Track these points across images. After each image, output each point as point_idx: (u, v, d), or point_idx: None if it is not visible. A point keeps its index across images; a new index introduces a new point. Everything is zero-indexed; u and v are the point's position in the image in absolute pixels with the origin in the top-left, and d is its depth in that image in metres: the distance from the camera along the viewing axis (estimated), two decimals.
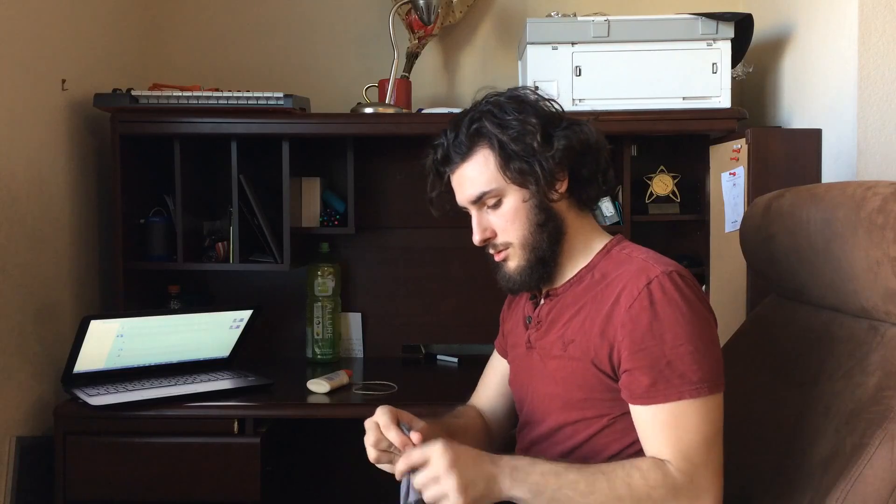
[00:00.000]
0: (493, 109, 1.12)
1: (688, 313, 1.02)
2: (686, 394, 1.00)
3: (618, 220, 2.08)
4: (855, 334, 1.15)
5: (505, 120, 1.10)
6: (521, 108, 1.11)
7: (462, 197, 1.16)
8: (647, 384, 1.01)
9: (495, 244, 1.16)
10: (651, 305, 1.02)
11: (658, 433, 1.02)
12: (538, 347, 1.18)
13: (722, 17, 1.89)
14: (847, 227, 1.11)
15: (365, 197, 2.23)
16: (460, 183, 1.15)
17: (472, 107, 1.16)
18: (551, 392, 1.15)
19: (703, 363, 1.01)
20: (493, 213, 1.14)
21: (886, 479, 0.98)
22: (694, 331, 1.02)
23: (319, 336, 2.17)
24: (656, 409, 1.01)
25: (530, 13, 2.26)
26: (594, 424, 1.10)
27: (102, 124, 2.02)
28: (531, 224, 1.12)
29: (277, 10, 2.32)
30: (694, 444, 1.00)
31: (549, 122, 1.12)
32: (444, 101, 2.31)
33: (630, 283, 1.06)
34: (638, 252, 1.13)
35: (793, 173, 1.76)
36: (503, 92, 1.16)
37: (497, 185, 1.11)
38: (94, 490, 1.70)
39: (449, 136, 1.14)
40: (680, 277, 1.05)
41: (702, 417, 1.01)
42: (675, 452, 1.00)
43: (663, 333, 1.01)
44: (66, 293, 1.92)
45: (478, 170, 1.12)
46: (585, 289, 1.14)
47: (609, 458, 1.08)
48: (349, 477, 2.24)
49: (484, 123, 1.11)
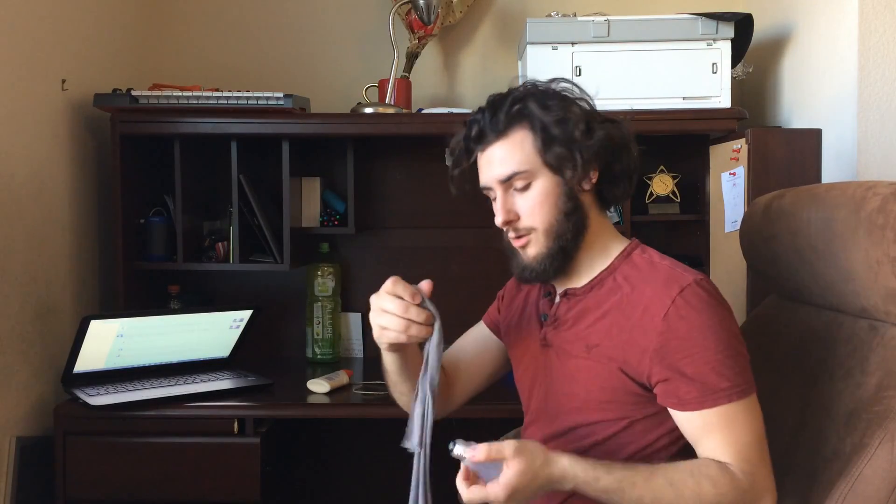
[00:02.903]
0: (537, 93, 1.12)
1: (723, 319, 1.05)
2: (734, 396, 1.02)
3: (618, 220, 2.07)
4: (855, 334, 1.15)
5: (549, 104, 1.10)
6: (564, 96, 1.12)
7: (490, 176, 1.13)
8: (696, 391, 1.02)
9: (517, 228, 1.14)
10: (687, 314, 1.04)
11: (714, 437, 1.03)
12: (555, 346, 1.17)
13: (722, 17, 1.89)
14: (847, 227, 1.11)
15: (365, 197, 2.23)
16: (490, 161, 1.13)
17: (512, 89, 1.15)
18: (569, 391, 1.15)
19: (743, 364, 1.04)
20: (521, 195, 1.12)
21: (887, 478, 0.98)
22: (731, 335, 1.05)
23: (319, 336, 2.17)
24: (709, 414, 1.02)
25: (530, 13, 2.25)
26: (613, 426, 1.11)
27: (102, 124, 2.02)
28: (558, 211, 1.11)
29: (277, 10, 2.32)
30: (750, 444, 1.02)
31: (590, 114, 1.13)
32: (444, 101, 2.31)
33: (661, 292, 1.06)
34: (660, 259, 1.13)
35: (793, 173, 1.76)
36: (544, 81, 1.16)
37: (530, 167, 1.10)
38: (94, 490, 1.70)
39: (487, 115, 1.13)
40: (708, 284, 1.08)
41: (751, 416, 1.03)
42: (733, 454, 1.02)
43: (705, 340, 1.03)
44: (66, 293, 1.92)
45: (512, 149, 1.11)
46: (608, 293, 1.13)
47: (626, 459, 1.08)
48: (349, 477, 2.25)
49: (528, 104, 1.10)
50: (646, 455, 1.09)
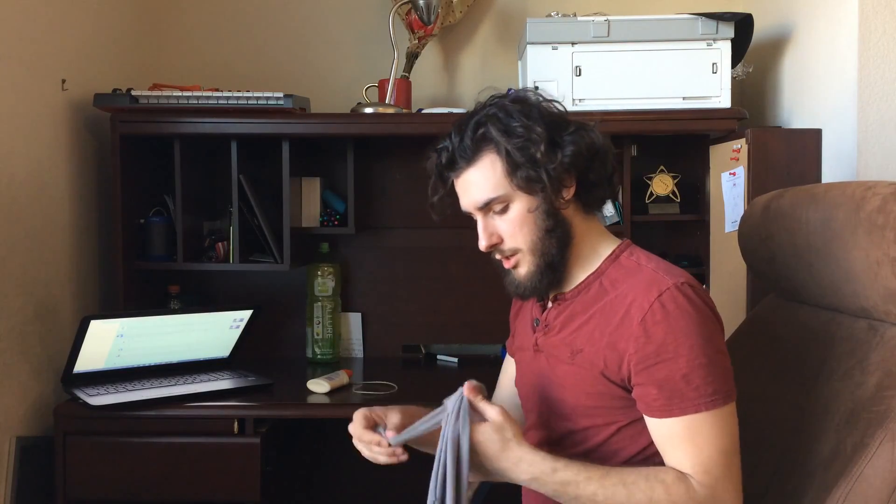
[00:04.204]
0: (498, 114, 1.09)
1: (700, 325, 1.02)
2: (702, 406, 1.00)
3: (618, 220, 2.08)
4: (855, 334, 1.15)
5: (511, 126, 1.08)
6: (526, 113, 1.09)
7: (468, 202, 1.14)
8: (664, 397, 1.01)
9: (502, 250, 1.14)
10: (663, 319, 1.02)
11: (677, 446, 1.02)
12: (546, 351, 1.17)
13: (722, 17, 1.89)
14: (847, 227, 1.11)
15: (365, 197, 2.23)
16: (465, 188, 1.13)
17: (475, 109, 1.13)
18: (559, 397, 1.15)
19: (717, 374, 1.02)
20: (500, 218, 1.12)
21: (887, 478, 0.98)
22: (706, 343, 1.02)
23: (319, 336, 2.17)
24: (673, 423, 1.02)
25: (530, 13, 2.26)
26: (604, 431, 1.10)
27: (102, 124, 2.02)
28: (540, 229, 1.10)
29: (277, 10, 2.32)
30: (713, 457, 1.01)
31: (556, 126, 1.10)
32: (444, 101, 2.31)
33: (640, 296, 1.05)
34: (647, 261, 1.12)
35: (793, 173, 1.76)
36: (505, 98, 1.13)
37: (504, 191, 1.09)
38: (94, 490, 1.70)
39: (454, 140, 1.11)
40: (690, 288, 1.05)
41: (719, 429, 1.01)
42: (695, 465, 1.01)
43: (678, 347, 1.01)
44: (66, 293, 1.92)
45: (484, 175, 1.10)
46: (594, 297, 1.13)
47: (623, 463, 1.08)
48: (349, 477, 2.25)
49: (489, 129, 1.09)
50: (640, 461, 1.09)
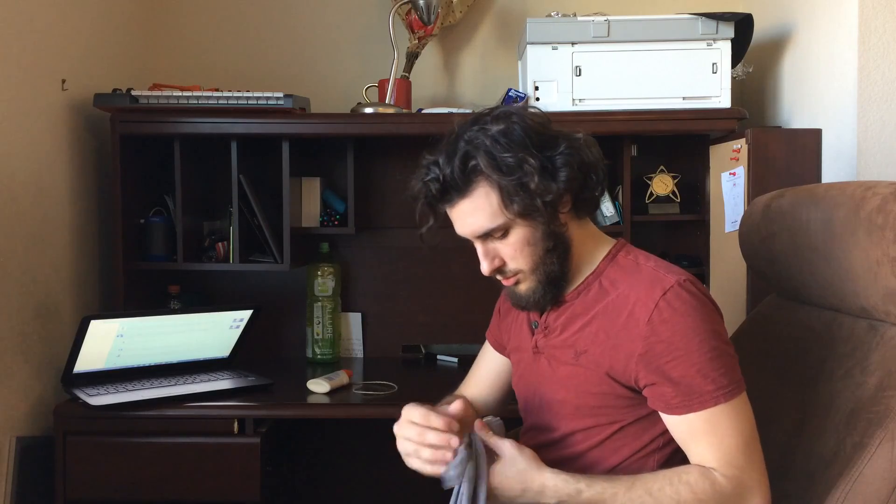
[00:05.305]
0: (484, 142, 1.05)
1: (706, 320, 1.04)
2: (721, 398, 1.01)
3: (618, 220, 2.08)
4: (855, 334, 1.15)
5: (501, 159, 1.04)
6: (513, 140, 1.05)
7: (465, 231, 1.12)
8: (682, 394, 1.02)
9: (504, 271, 1.13)
10: (671, 316, 1.03)
11: (700, 441, 1.03)
12: (546, 353, 1.18)
13: (722, 17, 1.89)
14: (847, 227, 1.11)
15: (365, 197, 2.23)
16: (461, 218, 1.10)
17: (458, 133, 1.09)
18: (561, 398, 1.15)
19: (729, 365, 1.03)
20: (501, 242, 1.11)
21: (887, 478, 0.98)
22: (715, 336, 1.03)
23: (319, 336, 2.17)
24: (694, 418, 1.02)
25: (530, 13, 2.25)
26: (606, 430, 1.11)
27: (102, 124, 2.02)
28: (541, 250, 1.10)
29: (277, 10, 2.32)
30: (735, 447, 1.02)
31: (545, 147, 1.07)
32: (444, 101, 2.31)
33: (644, 295, 1.06)
34: (645, 259, 1.13)
35: (793, 173, 1.76)
36: (489, 119, 1.08)
37: (502, 220, 1.08)
38: (94, 490, 1.70)
39: (443, 170, 1.07)
40: (692, 284, 1.06)
41: (737, 418, 1.02)
42: (718, 458, 1.02)
43: (688, 343, 1.02)
44: (66, 293, 1.92)
45: (480, 206, 1.07)
46: (595, 298, 1.13)
47: (622, 461, 1.09)
48: (349, 477, 2.25)
49: (479, 163, 1.05)
50: (640, 458, 1.10)
